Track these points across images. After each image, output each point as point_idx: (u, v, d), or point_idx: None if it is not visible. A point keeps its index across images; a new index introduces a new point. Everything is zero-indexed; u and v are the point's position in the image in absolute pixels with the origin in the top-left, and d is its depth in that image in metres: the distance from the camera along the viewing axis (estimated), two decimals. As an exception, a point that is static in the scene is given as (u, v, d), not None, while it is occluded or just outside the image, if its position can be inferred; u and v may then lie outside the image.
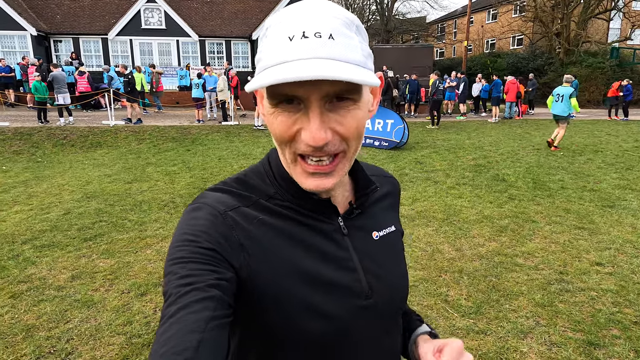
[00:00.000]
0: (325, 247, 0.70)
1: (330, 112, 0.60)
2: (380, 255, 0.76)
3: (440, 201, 5.91)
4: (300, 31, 0.56)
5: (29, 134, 11.01)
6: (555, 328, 2.97)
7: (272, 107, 0.62)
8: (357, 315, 0.70)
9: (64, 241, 4.60)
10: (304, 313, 0.65)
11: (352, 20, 0.61)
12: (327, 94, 0.58)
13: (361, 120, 0.62)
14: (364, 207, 0.76)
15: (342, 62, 0.56)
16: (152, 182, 7.16)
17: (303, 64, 0.54)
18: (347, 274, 0.70)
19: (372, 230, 0.77)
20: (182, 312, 0.54)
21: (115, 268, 3.95)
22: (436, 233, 4.77)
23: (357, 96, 0.61)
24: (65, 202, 6.01)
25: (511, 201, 5.90)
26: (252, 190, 0.71)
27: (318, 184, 0.63)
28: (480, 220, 5.16)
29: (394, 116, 10.29)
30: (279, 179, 0.71)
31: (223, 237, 0.63)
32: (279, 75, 0.54)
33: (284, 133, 0.61)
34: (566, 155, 9.22)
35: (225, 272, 0.60)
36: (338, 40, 0.57)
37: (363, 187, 0.76)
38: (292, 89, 0.57)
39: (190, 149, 10.30)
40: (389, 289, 0.75)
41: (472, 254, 4.23)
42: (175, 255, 0.60)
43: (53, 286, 3.63)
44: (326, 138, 0.59)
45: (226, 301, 0.58)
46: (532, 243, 4.47)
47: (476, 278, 3.72)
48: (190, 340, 0.51)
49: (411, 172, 7.63)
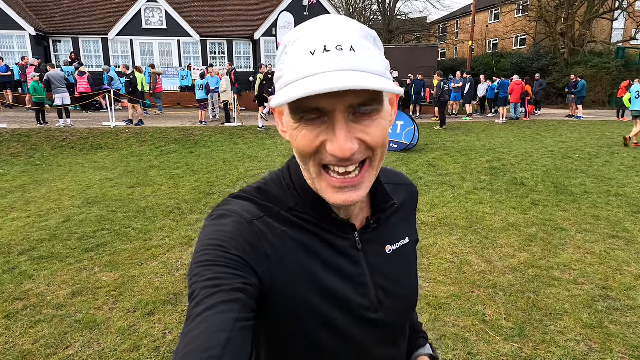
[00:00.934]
0: (340, 263, 0.70)
1: (355, 123, 0.60)
2: (391, 270, 0.76)
3: (461, 207, 5.61)
4: (321, 45, 0.57)
5: (27, 135, 10.71)
6: (611, 354, 2.67)
7: (295, 122, 0.61)
8: (365, 329, 0.72)
9: (63, 252, 4.29)
10: (318, 326, 0.67)
11: (370, 33, 0.62)
12: (351, 104, 0.58)
13: (385, 129, 0.63)
14: (380, 222, 0.76)
15: (365, 72, 0.56)
16: (156, 186, 6.85)
17: (328, 76, 0.54)
18: (358, 289, 0.71)
19: (385, 244, 0.77)
20: (210, 312, 0.54)
21: (120, 283, 3.65)
22: (461, 242, 4.47)
23: (379, 106, 0.61)
24: (65, 209, 5.70)
25: (535, 207, 5.60)
26: (273, 201, 0.71)
27: (346, 199, 0.63)
28: (506, 228, 4.86)
29: (404, 117, 9.99)
30: (299, 190, 0.71)
31: (249, 245, 0.64)
32: (306, 88, 0.53)
33: (308, 147, 0.61)
34: (582, 158, 8.93)
35: (250, 278, 0.61)
36: (359, 52, 0.57)
37: (380, 202, 0.76)
38: (317, 102, 0.57)
39: (194, 151, 9.99)
40: (397, 303, 0.76)
41: (504, 266, 3.93)
42: (202, 258, 0.61)
43: (52, 304, 3.32)
44: (353, 148, 0.59)
45: (250, 305, 0.58)
46: (565, 254, 4.17)
47: (513, 294, 3.42)
48: (218, 339, 0.52)
49: (425, 176, 7.33)
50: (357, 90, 0.55)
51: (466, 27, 36.44)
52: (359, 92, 0.57)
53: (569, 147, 10.20)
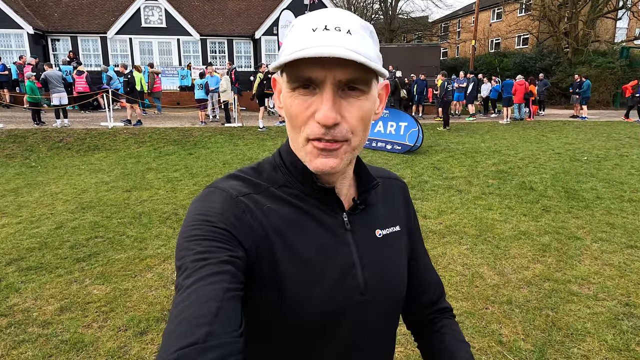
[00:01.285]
0: (326, 240, 0.71)
1: (342, 99, 0.63)
2: (381, 253, 0.76)
3: (469, 214, 5.40)
4: (322, 25, 0.62)
5: (24, 136, 10.50)
6: (642, 382, 2.46)
7: (290, 91, 0.65)
8: (351, 309, 0.71)
9: (53, 262, 4.08)
10: (300, 301, 0.67)
11: (368, 25, 0.67)
12: (340, 79, 0.62)
13: (367, 112, 0.66)
14: (367, 202, 0.78)
15: (356, 52, 0.60)
16: (153, 190, 6.63)
17: (322, 48, 0.59)
18: (345, 268, 0.71)
19: (375, 228, 0.78)
20: (200, 283, 0.55)
21: (111, 297, 3.43)
22: (472, 253, 4.25)
23: (366, 88, 0.64)
24: (57, 214, 5.49)
25: (546, 214, 5.38)
26: (263, 179, 0.73)
27: (324, 162, 0.65)
28: (518, 236, 4.64)
29: (407, 119, 9.77)
30: (290, 166, 0.73)
31: (236, 218, 0.65)
32: (300, 53, 0.59)
33: (299, 114, 0.65)
34: (591, 160, 8.70)
35: (238, 251, 0.62)
36: (355, 36, 0.62)
37: (365, 183, 0.78)
38: (309, 71, 0.61)
39: (193, 152, 9.78)
40: (386, 287, 0.75)
41: (518, 279, 3.71)
42: (190, 233, 0.62)
43: (38, 321, 3.11)
44: (336, 118, 0.62)
45: (239, 277, 0.59)
46: (582, 265, 3.95)
47: (530, 311, 3.20)
48: (209, 307, 0.53)
49: (431, 180, 7.11)
50: (347, 66, 0.60)
51: (468, 26, 36.18)
52: (349, 68, 0.60)
53: (576, 149, 9.98)
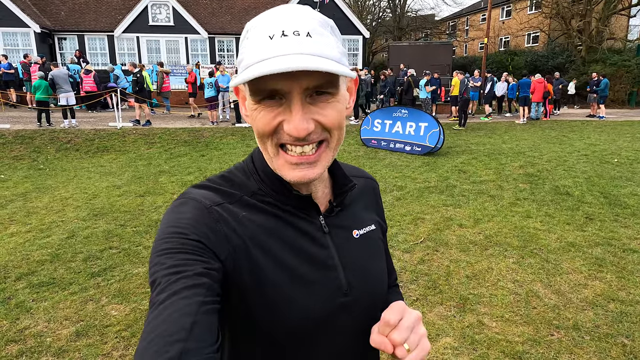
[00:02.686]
0: (305, 245, 0.70)
1: (311, 105, 0.61)
2: (360, 253, 0.76)
3: (507, 222, 5.03)
4: (279, 30, 0.58)
5: (31, 137, 10.22)
6: None
7: (254, 104, 0.63)
8: (335, 312, 0.70)
9: (67, 277, 3.77)
10: (283, 309, 0.65)
11: (327, 21, 0.64)
12: (307, 87, 0.59)
13: (341, 112, 0.64)
14: (343, 204, 0.77)
15: (319, 57, 0.58)
16: (167, 195, 6.32)
17: (284, 59, 0.56)
18: (327, 271, 0.70)
19: (352, 229, 0.77)
20: (173, 298, 0.53)
21: (131, 319, 3.11)
22: (520, 267, 3.90)
23: (334, 90, 0.62)
24: (68, 222, 5.18)
25: (591, 222, 5.01)
26: (236, 187, 0.71)
27: (303, 175, 0.63)
28: (567, 249, 4.28)
29: (427, 119, 9.40)
30: (262, 174, 0.72)
31: (209, 229, 0.63)
32: (261, 69, 0.55)
33: (266, 126, 0.62)
34: (622, 162, 8.31)
35: (213, 263, 0.60)
36: (315, 38, 0.59)
37: (341, 185, 0.76)
38: (274, 83, 0.58)
39: (205, 154, 9.46)
40: (368, 286, 0.75)
41: (579, 299, 3.36)
42: (162, 247, 0.59)
43: (52, 349, 2.78)
44: (308, 128, 0.60)
45: (215, 289, 0.57)
46: (646, 283, 3.59)
47: (601, 339, 2.85)
48: (183, 323, 0.50)
49: (458, 184, 6.75)
50: (313, 73, 0.57)
51: (476, 24, 35.66)
52: (315, 75, 0.58)
53: (603, 150, 9.57)
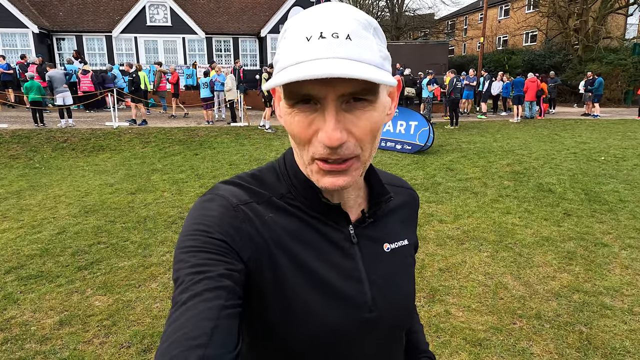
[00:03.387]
0: (331, 254, 0.67)
1: (347, 113, 0.59)
2: (389, 269, 0.72)
3: (487, 218, 5.16)
4: (317, 32, 0.56)
5: (28, 136, 10.37)
6: (695, 412, 2.23)
7: (289, 108, 0.60)
8: (357, 328, 0.67)
9: (54, 270, 3.91)
10: (304, 317, 0.64)
11: (370, 22, 0.60)
12: (343, 93, 0.57)
13: (376, 123, 0.61)
14: (376, 216, 0.74)
15: (358, 62, 0.55)
16: (158, 192, 6.46)
17: (319, 63, 0.53)
18: (352, 284, 0.68)
19: (383, 242, 0.74)
20: (195, 300, 0.53)
21: (114, 310, 3.25)
22: (493, 261, 4.03)
23: (373, 97, 0.60)
24: (60, 218, 5.32)
25: (568, 218, 5.13)
26: (265, 188, 0.69)
27: (333, 182, 0.62)
28: (541, 243, 4.41)
29: (418, 118, 9.52)
30: (293, 178, 0.70)
31: (234, 229, 0.62)
32: (296, 74, 0.53)
33: (301, 134, 0.60)
34: (609, 160, 8.42)
35: (236, 264, 0.59)
36: (355, 41, 0.56)
37: (377, 195, 0.73)
38: (309, 88, 0.56)
39: (199, 153, 9.60)
40: (394, 304, 0.71)
41: (545, 290, 3.48)
42: (187, 243, 0.59)
43: (36, 336, 2.92)
44: (342, 138, 0.58)
45: (237, 292, 0.57)
46: (612, 275, 3.72)
47: (561, 327, 2.98)
48: (204, 327, 0.50)
49: (444, 181, 6.88)
50: (350, 79, 0.54)
51: (475, 23, 35.76)
52: (352, 81, 0.55)
53: (592, 149, 9.69)
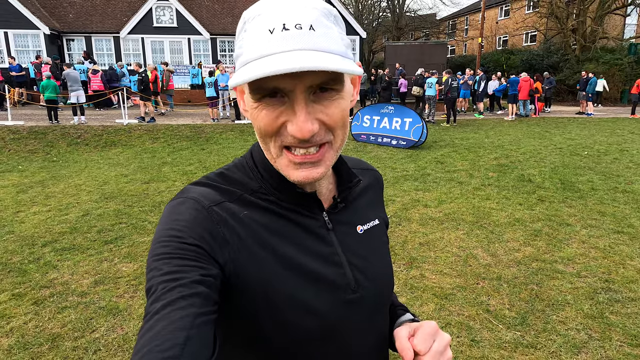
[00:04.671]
0: (309, 243, 0.69)
1: (315, 103, 0.59)
2: (365, 249, 0.75)
3: (468, 203, 5.72)
4: (280, 23, 0.56)
5: (44, 133, 10.98)
6: (610, 342, 2.78)
7: (255, 102, 0.61)
8: (344, 310, 0.69)
9: (84, 244, 4.49)
10: (290, 308, 0.65)
11: (330, 10, 0.61)
12: (311, 85, 0.58)
13: (345, 110, 0.62)
14: (347, 201, 0.76)
15: (325, 52, 0.56)
16: (170, 182, 7.04)
17: (287, 56, 0.54)
18: (333, 268, 0.70)
19: (356, 225, 0.76)
20: (168, 309, 0.52)
21: (139, 273, 3.83)
22: (467, 237, 4.58)
23: (340, 86, 0.61)
24: (83, 203, 5.92)
25: (541, 203, 5.68)
26: (236, 185, 0.70)
27: (307, 175, 0.62)
28: (512, 223, 4.96)
29: (412, 114, 10.07)
30: (262, 172, 0.71)
31: (207, 232, 0.62)
32: (264, 68, 0.53)
33: (268, 127, 0.61)
34: (591, 155, 8.95)
35: (211, 269, 0.59)
36: (319, 31, 0.57)
37: (346, 181, 0.76)
38: (277, 82, 0.57)
39: (205, 147, 10.19)
40: (375, 282, 0.75)
41: (509, 259, 4.04)
42: (159, 251, 0.59)
43: (76, 292, 3.51)
44: (313, 129, 0.58)
45: (212, 298, 0.57)
46: (570, 248, 4.27)
47: (516, 286, 3.53)
48: (177, 337, 0.50)
49: (433, 173, 7.43)
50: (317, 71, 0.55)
51: (476, 23, 36.19)
52: (319, 72, 0.56)
53: (578, 144, 10.21)
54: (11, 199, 6.14)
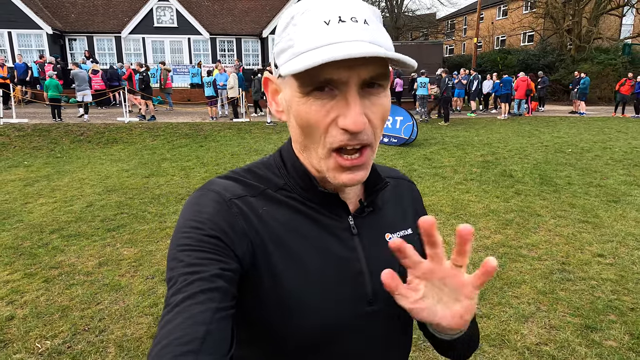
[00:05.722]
0: (331, 246, 0.67)
1: (364, 98, 0.59)
2: (391, 259, 0.67)
3: (448, 196, 6.08)
4: (336, 16, 0.57)
5: (47, 130, 11.36)
6: (555, 313, 3.14)
7: (303, 96, 0.59)
8: (358, 322, 0.67)
9: (89, 231, 4.86)
10: (301, 311, 0.64)
11: (376, 10, 0.63)
12: (364, 78, 0.58)
13: (387, 109, 0.63)
14: (375, 205, 0.74)
15: (380, 46, 0.57)
16: (169, 176, 7.42)
17: (349, 45, 0.54)
18: (352, 276, 0.67)
19: (384, 232, 0.73)
20: (188, 302, 0.53)
21: (139, 256, 4.19)
22: (443, 226, 4.94)
23: (386, 82, 0.61)
24: (87, 195, 6.29)
25: (517, 196, 6.05)
26: (261, 180, 0.70)
27: (352, 177, 0.62)
28: (487, 214, 5.32)
29: (403, 113, 10.43)
30: (290, 169, 0.70)
31: (228, 224, 0.62)
32: (328, 54, 0.52)
33: (320, 122, 0.59)
34: (574, 152, 9.30)
35: (230, 262, 0.60)
36: (373, 26, 0.58)
37: (372, 184, 0.73)
38: (332, 73, 0.56)
39: (203, 145, 10.56)
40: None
41: (478, 245, 4.40)
42: (181, 242, 0.60)
43: (82, 272, 3.88)
44: (365, 122, 0.58)
45: (230, 292, 0.57)
46: (536, 235, 4.63)
47: (478, 266, 3.89)
48: (196, 332, 0.51)
49: (420, 168, 7.80)
50: (369, 64, 0.56)
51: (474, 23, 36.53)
52: (372, 65, 0.57)
53: (564, 142, 10.56)
54: (19, 192, 6.52)
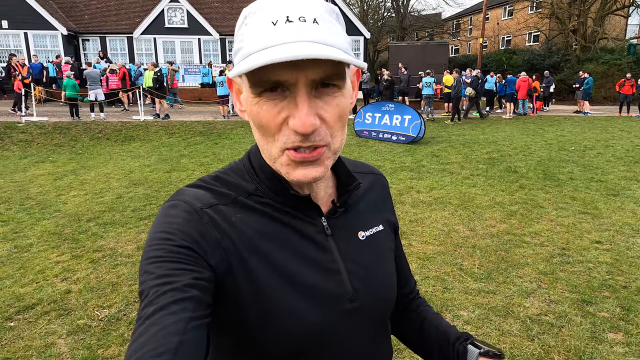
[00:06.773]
0: (306, 248, 0.68)
1: (317, 99, 0.59)
2: (366, 257, 0.73)
3: (456, 189, 6.42)
4: (283, 16, 0.56)
5: (67, 128, 11.80)
6: (554, 290, 3.49)
7: (255, 97, 0.60)
8: (341, 320, 0.68)
9: (122, 220, 5.25)
10: (283, 315, 0.64)
11: (333, 8, 0.62)
12: (314, 78, 0.57)
13: (344, 109, 0.62)
14: (347, 205, 0.74)
15: (328, 45, 0.56)
16: (189, 171, 7.80)
17: (291, 46, 0.53)
18: (330, 276, 0.68)
19: (357, 230, 0.75)
20: (160, 313, 0.53)
21: (173, 241, 4.57)
22: (452, 216, 5.29)
23: (341, 82, 0.60)
24: (115, 188, 6.69)
25: (521, 190, 6.38)
26: (231, 188, 0.69)
27: (305, 174, 0.61)
28: (492, 205, 5.66)
29: (411, 112, 10.78)
30: (260, 173, 0.70)
31: (199, 234, 0.62)
32: (266, 57, 0.52)
33: (270, 123, 0.60)
34: (577, 150, 9.61)
35: (203, 272, 0.59)
36: (322, 26, 0.57)
37: (345, 184, 0.74)
38: (279, 74, 0.56)
39: (218, 142, 10.95)
40: (375, 291, 0.73)
41: (485, 233, 4.75)
42: (151, 254, 0.59)
43: (123, 254, 4.26)
44: (315, 124, 0.58)
45: (204, 301, 0.57)
46: (539, 225, 4.96)
47: (488, 252, 4.24)
48: (170, 342, 0.51)
49: (428, 164, 8.14)
50: (320, 64, 0.55)
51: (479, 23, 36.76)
52: (322, 65, 0.55)
53: (567, 140, 10.85)
54: (50, 185, 6.93)
